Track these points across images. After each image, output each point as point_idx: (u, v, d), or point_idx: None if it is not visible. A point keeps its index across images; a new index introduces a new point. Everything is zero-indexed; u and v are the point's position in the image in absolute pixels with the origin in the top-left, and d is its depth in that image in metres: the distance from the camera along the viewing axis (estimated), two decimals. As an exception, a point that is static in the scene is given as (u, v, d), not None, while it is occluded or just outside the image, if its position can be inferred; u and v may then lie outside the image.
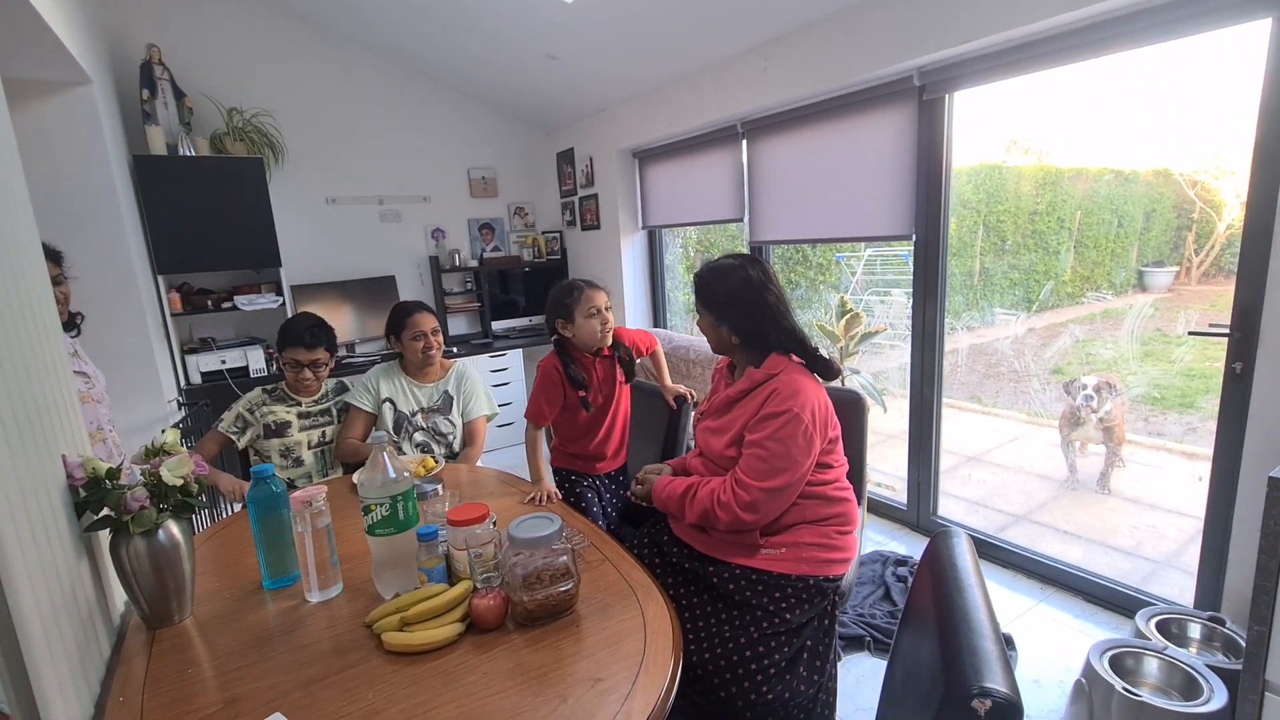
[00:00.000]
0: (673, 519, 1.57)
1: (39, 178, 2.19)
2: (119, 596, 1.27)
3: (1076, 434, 3.10)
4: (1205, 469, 1.99)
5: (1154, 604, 2.00)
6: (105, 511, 1.13)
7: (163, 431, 1.27)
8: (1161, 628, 1.81)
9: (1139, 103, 2.99)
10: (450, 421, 2.23)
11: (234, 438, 2.04)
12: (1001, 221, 3.90)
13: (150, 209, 3.05)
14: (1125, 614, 2.16)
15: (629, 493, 1.63)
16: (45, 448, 1.03)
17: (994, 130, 3.80)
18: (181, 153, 3.16)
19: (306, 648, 1.12)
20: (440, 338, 2.21)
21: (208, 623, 1.22)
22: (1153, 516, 2.91)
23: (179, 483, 1.14)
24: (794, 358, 1.46)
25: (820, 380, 1.46)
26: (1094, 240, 3.68)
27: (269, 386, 2.12)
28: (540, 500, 1.70)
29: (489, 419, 2.31)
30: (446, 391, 2.23)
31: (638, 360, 2.03)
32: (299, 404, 2.11)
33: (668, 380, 2.12)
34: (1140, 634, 1.80)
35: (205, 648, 1.15)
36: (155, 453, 1.19)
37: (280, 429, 2.06)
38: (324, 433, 2.13)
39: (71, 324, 1.79)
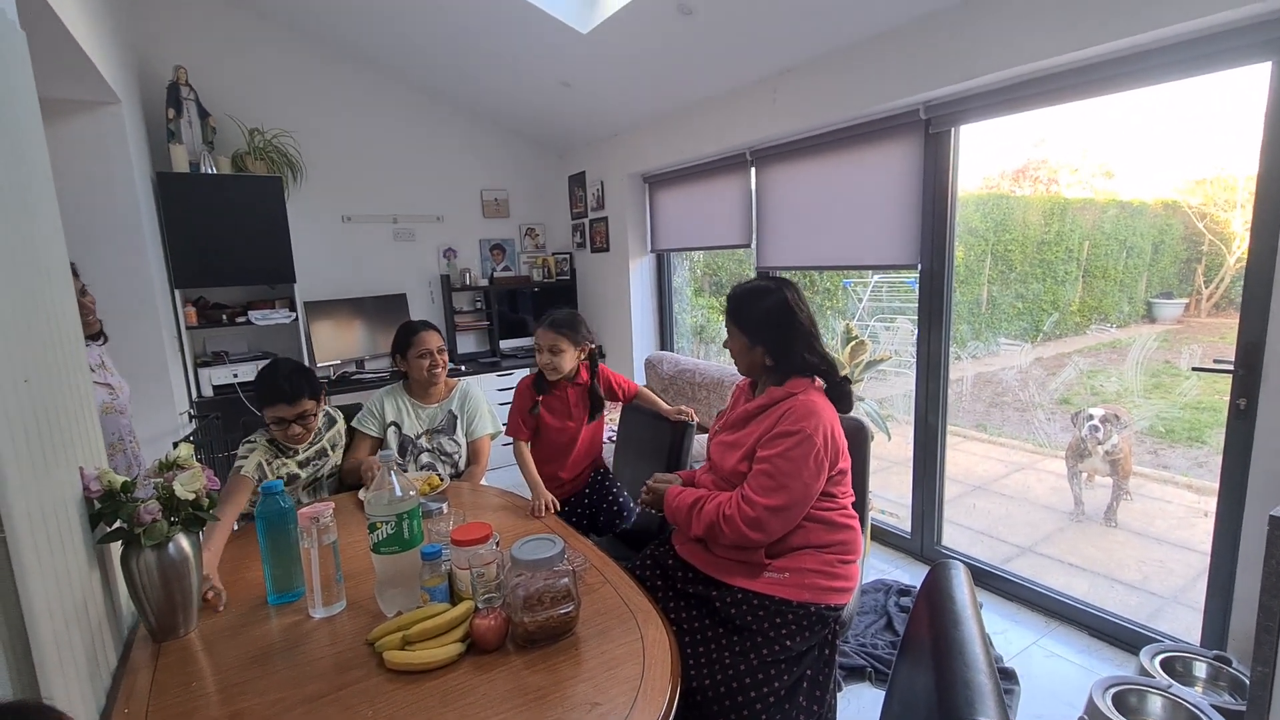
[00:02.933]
0: (677, 536, 1.58)
1: (66, 193, 2.26)
2: (127, 608, 1.29)
3: (1083, 465, 3.09)
4: (1213, 504, 1.98)
5: (1159, 641, 1.98)
6: (118, 524, 1.15)
7: (175, 446, 1.30)
8: (1166, 665, 1.79)
9: (1147, 135, 3.03)
10: (455, 441, 2.24)
11: (257, 484, 1.83)
12: (1009, 250, 3.92)
13: (170, 224, 3.12)
14: (1130, 650, 2.13)
15: (639, 501, 1.65)
16: (65, 460, 1.06)
17: (1002, 161, 3.84)
18: (204, 171, 3.24)
19: (309, 664, 1.14)
20: (445, 357, 2.23)
21: (212, 636, 1.24)
22: (1160, 551, 2.88)
23: (191, 497, 1.17)
24: (816, 381, 1.48)
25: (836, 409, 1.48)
26: (1102, 270, 3.69)
27: (268, 437, 1.92)
28: (539, 510, 1.77)
29: (493, 437, 2.32)
30: (451, 411, 2.25)
31: (620, 402, 2.22)
32: (296, 453, 1.96)
33: (665, 406, 2.15)
34: (1145, 671, 1.78)
35: (209, 661, 1.16)
36: (169, 467, 1.21)
37: (290, 480, 1.94)
38: (318, 470, 2.03)
39: (100, 333, 1.80)
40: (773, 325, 1.47)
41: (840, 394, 1.49)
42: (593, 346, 2.14)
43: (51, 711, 0.59)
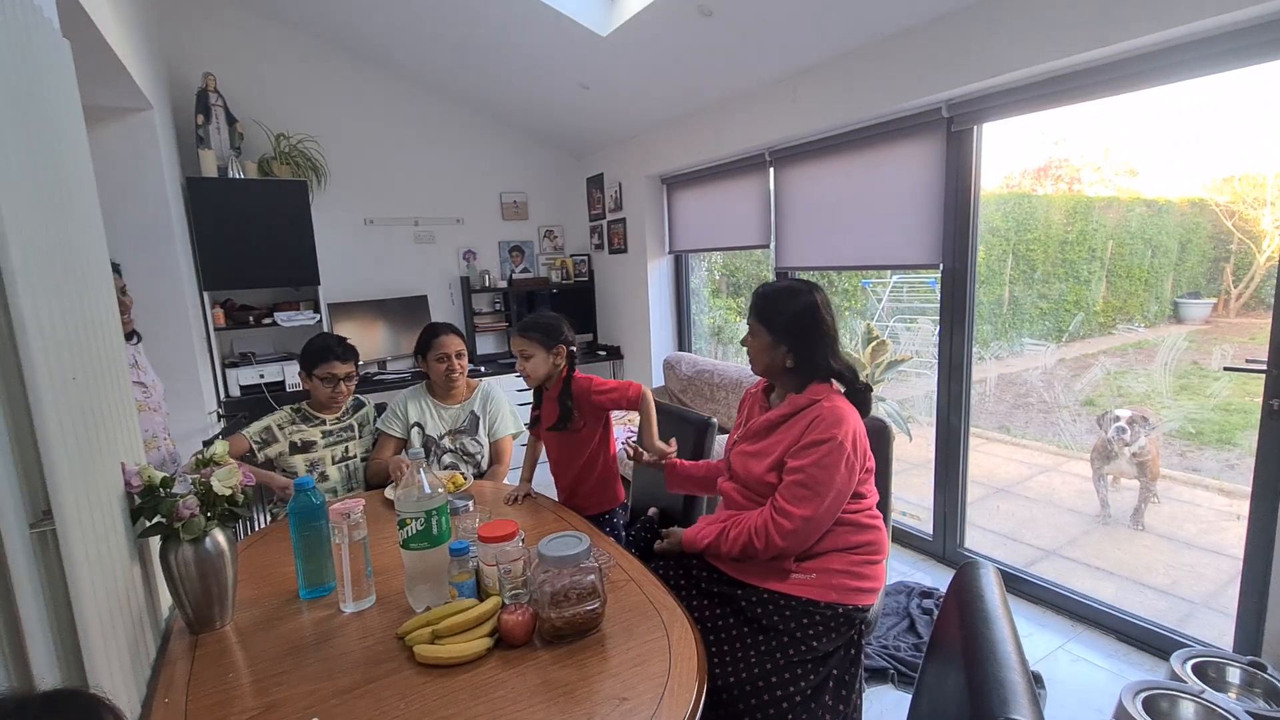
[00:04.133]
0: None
1: (100, 197, 2.33)
2: (164, 601, 1.33)
3: (1109, 468, 3.04)
4: (1245, 507, 1.94)
5: (1190, 645, 1.94)
6: (157, 519, 1.18)
7: (207, 444, 1.33)
8: (1198, 670, 1.76)
9: (1173, 132, 2.98)
10: (477, 441, 2.27)
11: (254, 447, 2.05)
12: (1031, 250, 3.87)
13: (199, 228, 3.19)
14: (1159, 655, 2.10)
15: (656, 547, 1.63)
16: (107, 455, 1.09)
17: (1024, 159, 3.80)
18: (231, 175, 3.31)
19: (341, 657, 1.16)
20: (464, 361, 2.24)
21: (247, 629, 1.27)
22: (1189, 555, 2.82)
23: (228, 492, 1.20)
24: (835, 385, 1.47)
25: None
26: (1126, 270, 3.63)
27: (295, 406, 2.15)
28: (509, 500, 1.88)
29: (514, 437, 2.34)
30: (473, 412, 2.27)
31: (620, 411, 1.97)
32: (323, 422, 2.15)
33: (651, 439, 1.81)
34: (1175, 676, 1.75)
35: (244, 653, 1.19)
36: (206, 463, 1.24)
37: (306, 446, 2.10)
38: (347, 448, 2.17)
39: (133, 333, 1.87)
40: (800, 327, 1.45)
41: (861, 399, 1.48)
42: (570, 349, 1.94)
43: (102, 701, 0.61)
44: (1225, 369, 2.12)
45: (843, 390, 1.48)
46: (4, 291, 0.82)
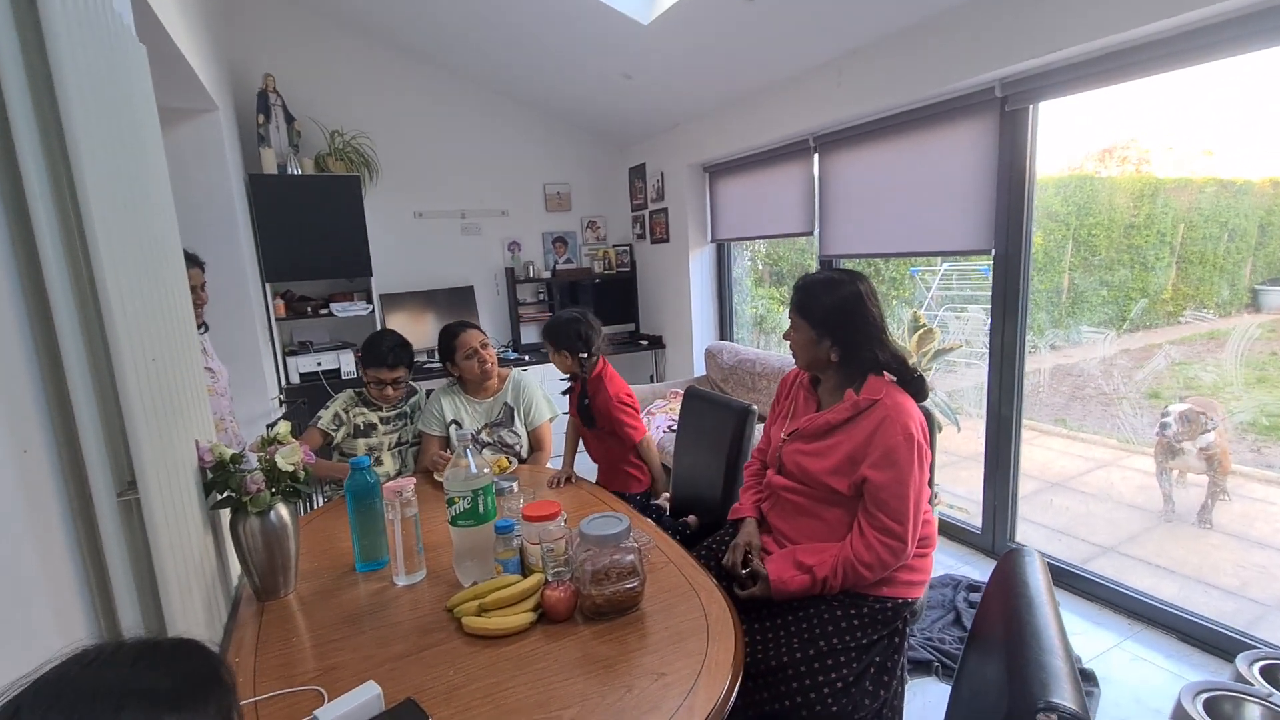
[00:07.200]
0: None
1: (173, 195, 2.47)
2: (234, 571, 1.42)
3: (1174, 463, 2.90)
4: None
5: (1259, 648, 1.84)
6: (227, 492, 1.27)
7: (272, 425, 1.41)
8: (1267, 673, 1.68)
9: (1252, 106, 2.79)
10: (514, 433, 2.28)
11: (332, 434, 2.18)
12: (1093, 235, 3.70)
13: (261, 223, 3.35)
14: (1225, 657, 2.00)
15: (742, 595, 1.41)
16: (183, 432, 1.17)
17: (1085, 139, 3.62)
18: (290, 172, 3.46)
19: (394, 626, 1.22)
20: (491, 350, 2.24)
21: (308, 598, 1.35)
22: (1262, 555, 2.67)
23: (291, 469, 1.27)
24: (887, 376, 1.43)
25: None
26: (1199, 255, 3.43)
27: (358, 390, 2.26)
28: (551, 483, 1.97)
29: (551, 421, 2.36)
30: (506, 403, 2.27)
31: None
32: (380, 408, 2.24)
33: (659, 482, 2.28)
34: (1241, 678, 1.67)
35: (306, 620, 1.27)
36: (270, 442, 1.32)
37: (368, 430, 2.20)
38: (400, 435, 2.26)
39: (201, 323, 2.00)
40: (843, 319, 1.40)
41: (915, 388, 1.42)
42: (582, 356, 2.13)
43: (219, 656, 0.60)
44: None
45: (895, 380, 1.44)
46: (93, 279, 0.89)
